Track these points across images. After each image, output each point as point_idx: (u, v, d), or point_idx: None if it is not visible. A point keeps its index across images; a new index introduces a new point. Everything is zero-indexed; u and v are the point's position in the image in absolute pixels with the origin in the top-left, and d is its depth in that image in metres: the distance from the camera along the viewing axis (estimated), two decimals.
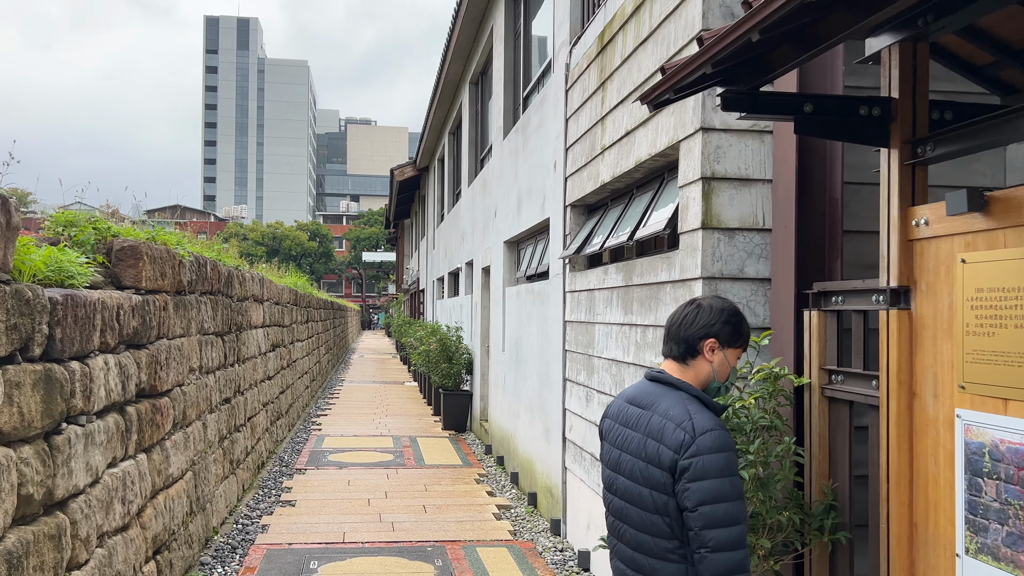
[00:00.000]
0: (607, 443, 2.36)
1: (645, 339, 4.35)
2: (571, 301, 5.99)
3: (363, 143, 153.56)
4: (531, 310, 7.56)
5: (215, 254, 6.90)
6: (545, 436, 6.84)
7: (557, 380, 6.39)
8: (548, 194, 6.89)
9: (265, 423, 8.65)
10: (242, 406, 7.22)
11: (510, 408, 8.59)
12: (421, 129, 18.48)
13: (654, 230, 4.20)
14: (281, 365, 10.29)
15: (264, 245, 71.45)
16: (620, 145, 4.84)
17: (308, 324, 14.52)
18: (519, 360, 8.12)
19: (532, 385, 7.43)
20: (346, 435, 10.87)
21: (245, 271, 7.76)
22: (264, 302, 8.91)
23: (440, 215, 18.70)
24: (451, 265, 15.34)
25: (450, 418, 11.69)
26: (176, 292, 5.05)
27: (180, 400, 4.93)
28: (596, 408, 5.26)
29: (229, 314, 6.73)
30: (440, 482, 8.02)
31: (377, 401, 15.07)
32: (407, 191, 25.03)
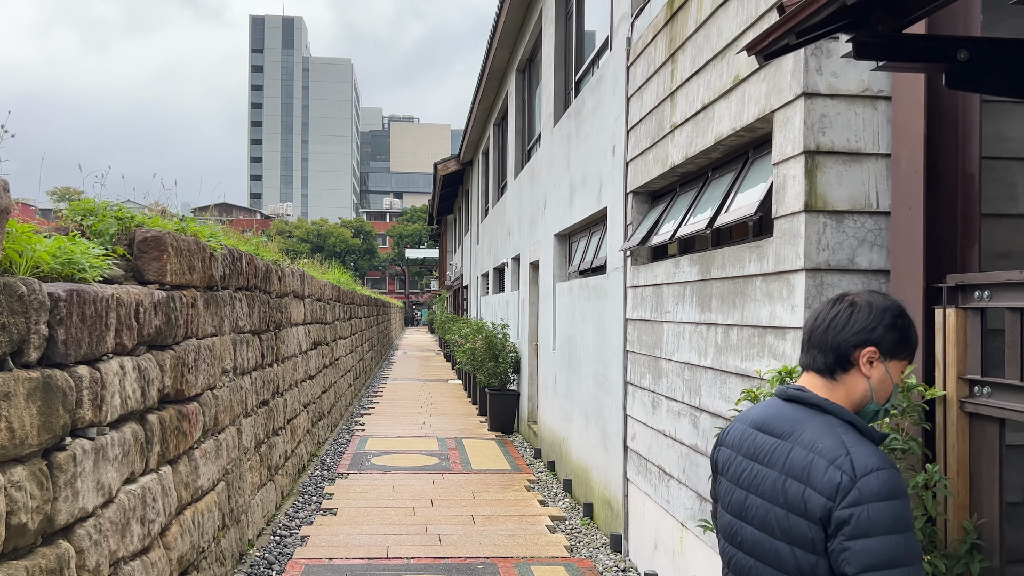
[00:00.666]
0: (725, 480, 1.84)
1: (728, 340, 3.81)
2: (633, 297, 5.46)
3: (406, 140, 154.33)
4: (585, 307, 7.05)
5: (252, 248, 6.54)
6: (602, 443, 6.32)
7: (617, 383, 5.87)
8: (605, 181, 6.36)
9: (306, 425, 8.29)
10: (281, 408, 6.85)
11: (562, 411, 8.10)
12: (465, 122, 18.07)
13: (740, 215, 3.66)
14: (323, 364, 9.95)
15: (309, 242, 72.07)
16: (695, 122, 4.29)
17: (351, 321, 14.21)
18: (572, 360, 7.62)
19: (587, 387, 6.91)
20: (390, 436, 10.49)
21: (284, 266, 7.39)
22: (305, 298, 8.55)
23: (484, 210, 18.27)
24: (496, 260, 14.88)
25: (496, 419, 11.24)
26: (207, 288, 4.66)
27: (211, 405, 4.54)
28: (665, 416, 4.73)
29: (267, 311, 6.36)
30: (488, 489, 7.56)
31: (421, 400, 14.71)
32: (450, 186, 24.67)
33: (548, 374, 9.00)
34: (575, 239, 8.26)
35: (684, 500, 4.39)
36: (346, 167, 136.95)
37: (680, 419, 4.46)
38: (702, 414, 4.14)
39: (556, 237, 8.71)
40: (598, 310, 6.55)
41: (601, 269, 6.78)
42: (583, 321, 7.15)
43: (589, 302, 6.90)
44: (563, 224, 8.19)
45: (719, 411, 3.88)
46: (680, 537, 4.48)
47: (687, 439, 4.34)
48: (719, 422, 3.90)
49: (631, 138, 5.57)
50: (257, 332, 6.02)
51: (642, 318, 5.24)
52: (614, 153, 6.07)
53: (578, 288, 7.40)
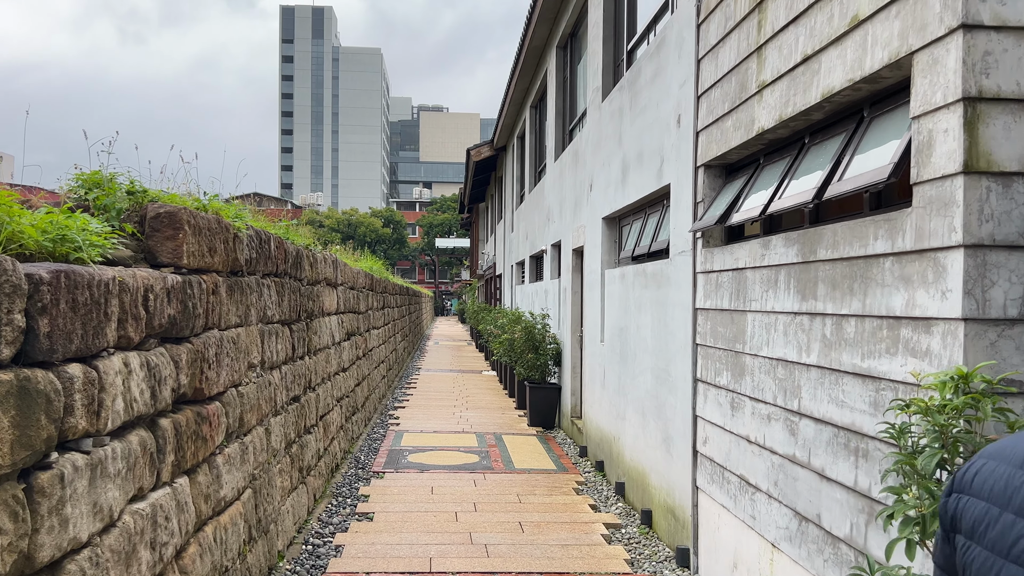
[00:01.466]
0: (979, 546, 1.24)
1: (841, 334, 3.20)
2: (705, 284, 4.85)
3: (435, 130, 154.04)
4: (642, 295, 6.45)
5: (282, 231, 6.04)
6: (664, 445, 5.73)
7: (683, 380, 5.27)
8: (668, 156, 5.74)
9: (339, 420, 7.81)
10: (313, 404, 6.36)
11: (612, 407, 7.52)
12: (499, 105, 17.47)
13: (863, 183, 3.03)
14: (357, 355, 9.47)
15: (339, 232, 72.09)
16: (791, 79, 3.67)
17: (384, 310, 13.75)
18: (624, 353, 7.03)
19: (644, 384, 6.32)
20: (426, 431, 10.00)
21: (317, 251, 6.89)
22: (338, 286, 8.06)
23: (519, 196, 17.68)
24: (533, 248, 14.30)
25: (537, 413, 10.69)
26: (231, 272, 4.15)
27: (235, 404, 4.04)
28: (749, 420, 4.13)
29: (298, 299, 5.86)
30: (535, 491, 7.02)
31: (456, 392, 14.21)
32: (483, 172, 24.11)
33: (595, 367, 8.43)
34: (627, 222, 7.65)
35: (776, 517, 3.80)
36: (376, 157, 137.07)
37: (770, 424, 3.86)
38: (802, 420, 3.53)
39: (604, 221, 8.10)
40: (658, 299, 5.95)
41: (661, 253, 6.17)
42: (638, 311, 6.55)
43: (646, 290, 6.30)
44: (613, 206, 7.58)
45: (828, 417, 3.28)
46: (770, 559, 3.88)
47: (781, 448, 3.74)
48: (827, 431, 3.30)
49: (702, 105, 4.95)
50: (287, 322, 5.53)
51: (718, 307, 4.63)
52: (679, 123, 5.45)
53: (632, 275, 6.80)
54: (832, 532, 3.24)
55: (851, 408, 3.11)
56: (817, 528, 3.38)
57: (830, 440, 3.27)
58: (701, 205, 5.00)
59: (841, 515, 3.17)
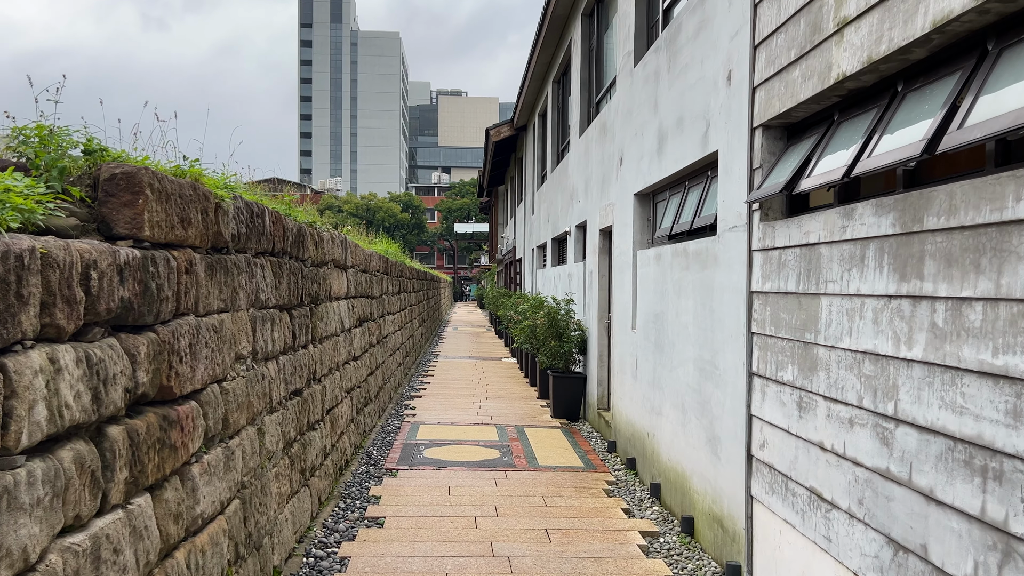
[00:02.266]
0: None
1: (959, 322, 2.54)
2: (764, 263, 4.19)
3: (453, 115, 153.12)
4: (682, 278, 5.79)
5: (283, 207, 5.45)
6: (709, 446, 5.10)
7: (734, 373, 4.63)
8: (715, 119, 5.07)
9: (349, 413, 7.25)
10: (318, 397, 5.78)
11: (645, 401, 6.88)
12: (520, 82, 16.77)
13: (1002, 127, 2.36)
14: (369, 342, 8.90)
15: (358, 216, 71.75)
16: (886, 8, 2.99)
17: (400, 295, 13.18)
18: (660, 342, 6.38)
19: (685, 376, 5.68)
20: (443, 423, 9.42)
21: (323, 230, 6.30)
22: (348, 269, 7.47)
23: (540, 176, 17.01)
24: (555, 230, 13.65)
25: (560, 404, 10.08)
26: (213, 249, 3.56)
27: (218, 403, 3.45)
28: (823, 424, 3.48)
29: (300, 282, 5.27)
30: (561, 492, 6.42)
31: (475, 380, 13.64)
32: (502, 154, 23.43)
33: (625, 356, 7.79)
34: (662, 198, 6.98)
35: (860, 542, 3.16)
36: (394, 142, 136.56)
37: (854, 430, 3.21)
38: (899, 427, 2.88)
39: (636, 197, 7.43)
40: (702, 281, 5.29)
41: (706, 230, 5.51)
42: (678, 295, 5.90)
43: (687, 272, 5.64)
44: (647, 180, 6.91)
45: (940, 426, 2.63)
46: None
47: (868, 460, 3.09)
48: (937, 443, 2.65)
49: (760, 56, 4.26)
50: (287, 307, 4.94)
51: (780, 290, 3.97)
52: (729, 80, 4.77)
53: (670, 256, 6.14)
54: (945, 570, 2.60)
55: (975, 416, 2.46)
56: (922, 562, 2.74)
57: (942, 454, 2.62)
58: (758, 172, 4.32)
59: (960, 550, 2.53)
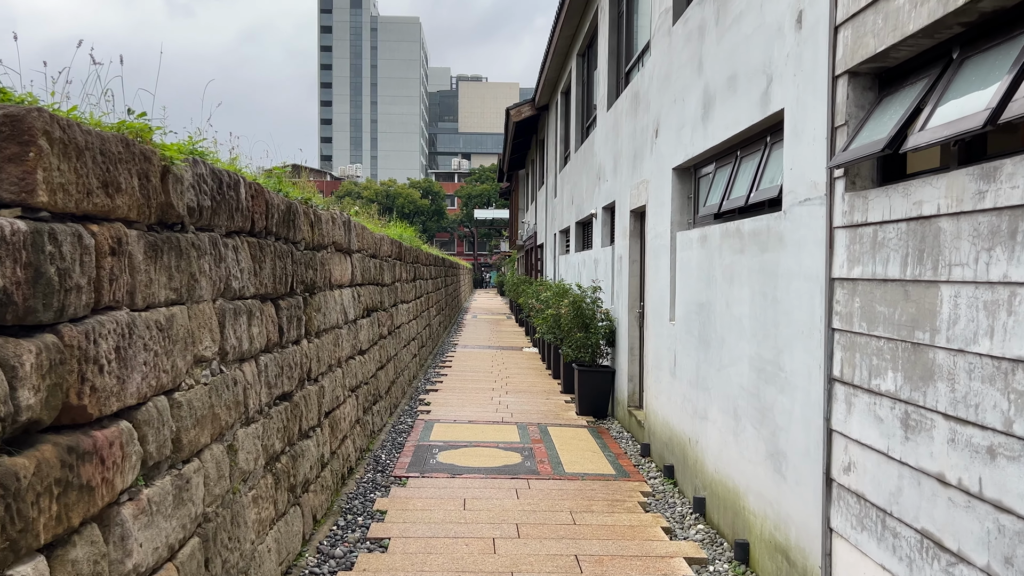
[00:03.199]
0: None
1: None
2: (851, 243, 3.38)
3: (474, 100, 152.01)
4: (734, 262, 4.98)
5: (273, 182, 4.72)
6: (771, 462, 4.30)
7: (804, 377, 3.83)
8: (780, 72, 4.24)
9: (354, 414, 6.52)
10: (314, 399, 5.05)
11: (687, 402, 6.09)
12: (542, 59, 15.91)
13: None
14: (379, 334, 8.18)
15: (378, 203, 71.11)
16: None
17: (415, 283, 12.45)
18: (706, 336, 5.58)
19: (738, 377, 4.88)
20: (460, 421, 8.69)
21: (321, 208, 5.55)
22: (353, 253, 6.73)
23: (563, 158, 16.17)
24: (580, 213, 12.83)
25: (587, 401, 9.30)
26: (161, 225, 2.82)
27: (163, 421, 2.72)
28: (945, 450, 2.67)
29: (290, 267, 4.53)
30: (591, 506, 5.66)
31: (495, 372, 12.89)
32: (523, 135, 22.59)
33: (661, 351, 6.99)
34: (707, 172, 6.15)
35: None
36: (415, 128, 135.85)
37: (997, 464, 2.41)
38: None
39: (676, 172, 6.61)
40: (761, 266, 4.48)
41: (765, 206, 4.70)
42: (729, 282, 5.09)
43: (742, 255, 4.82)
44: (689, 152, 6.08)
45: None
46: None
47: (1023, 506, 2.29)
48: None
49: None
50: (271, 297, 4.20)
51: (876, 276, 3.15)
52: (799, 23, 3.94)
53: (718, 237, 5.33)
54: None
55: None
56: None
57: None
58: (842, 132, 3.50)
59: None
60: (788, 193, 4.09)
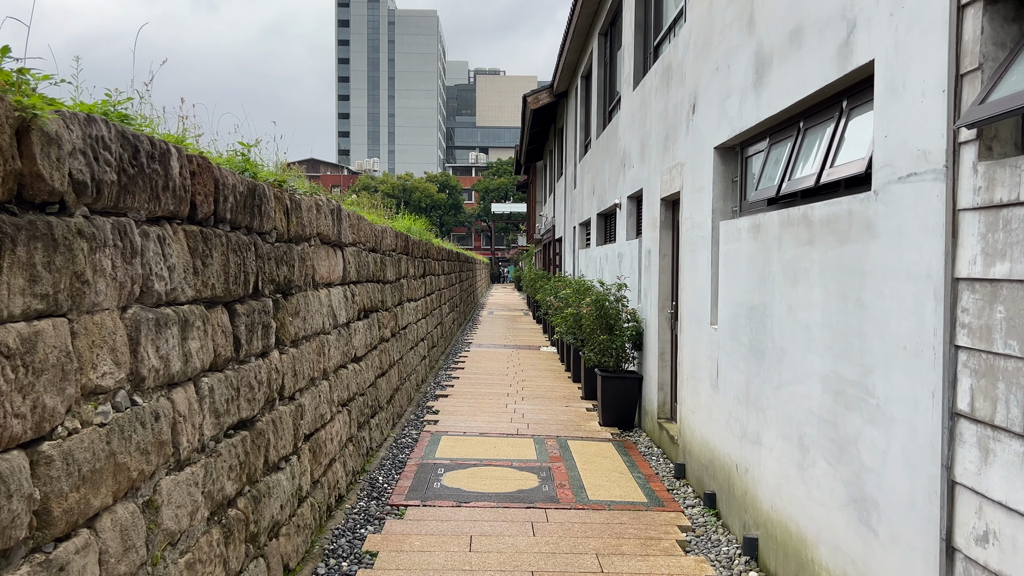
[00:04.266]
0: None
1: None
2: (988, 230, 2.47)
3: (492, 94, 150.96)
4: (800, 256, 4.07)
5: (238, 161, 3.90)
6: (854, 509, 3.40)
7: (912, 407, 2.92)
8: (866, 15, 3.32)
9: (345, 432, 5.68)
10: (287, 422, 4.21)
11: (734, 421, 5.19)
12: (560, 41, 14.98)
13: None
14: (379, 336, 7.34)
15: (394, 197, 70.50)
16: None
17: (425, 279, 11.61)
18: (761, 345, 4.67)
19: (806, 397, 3.97)
20: (470, 432, 7.84)
21: (300, 193, 4.70)
22: (347, 247, 5.89)
23: (584, 146, 15.25)
24: (602, 204, 11.92)
25: (611, 410, 8.41)
26: (17, 204, 1.97)
27: (16, 488, 1.87)
28: None
29: (254, 264, 3.68)
30: (622, 546, 4.77)
31: (510, 375, 12.03)
32: (541, 124, 21.66)
33: (700, 359, 6.08)
34: (758, 149, 5.23)
35: None
36: (432, 122, 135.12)
37: None
38: None
39: (719, 152, 5.69)
40: (840, 261, 3.57)
41: (843, 186, 3.78)
42: (792, 281, 4.18)
43: (812, 248, 3.91)
44: (736, 127, 5.17)
45: None
46: None
47: None
48: None
49: None
50: (224, 301, 3.35)
51: None
52: None
53: (777, 226, 4.41)
54: None
55: None
56: None
57: None
58: (973, 78, 2.58)
59: None
60: (881, 168, 3.18)
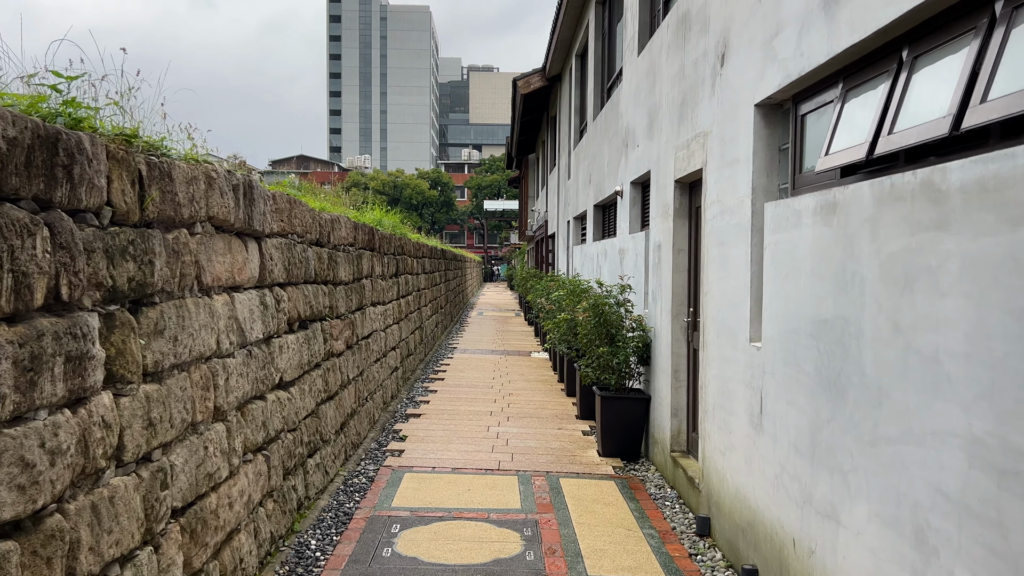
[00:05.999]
0: None
1: None
2: None
3: (485, 91, 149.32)
4: (917, 248, 2.63)
5: (40, 108, 2.46)
6: None
7: None
8: None
9: (257, 489, 4.20)
10: (127, 502, 2.74)
11: (793, 478, 3.74)
12: (555, 14, 13.53)
13: None
14: (326, 352, 5.88)
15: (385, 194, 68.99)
16: None
17: (399, 278, 10.15)
18: (840, 377, 3.22)
19: (933, 466, 2.53)
20: (440, 468, 6.38)
21: (173, 158, 3.23)
22: (265, 238, 4.44)
23: (579, 131, 13.82)
24: (600, 194, 10.48)
25: (612, 437, 6.98)
26: None
27: None
28: None
29: (50, 258, 2.23)
30: None
31: (496, 387, 10.57)
32: (533, 112, 20.23)
33: (734, 385, 4.64)
34: (824, 100, 3.77)
35: None
36: (425, 119, 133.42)
37: None
38: None
39: (761, 111, 4.25)
40: (1013, 253, 2.14)
41: (998, 135, 2.34)
42: (905, 287, 2.74)
43: (945, 235, 2.47)
44: (791, 72, 3.73)
45: None
46: None
47: None
48: None
49: None
50: None
51: None
52: None
53: (870, 203, 2.97)
54: None
55: None
56: None
57: None
58: None
59: None
60: None
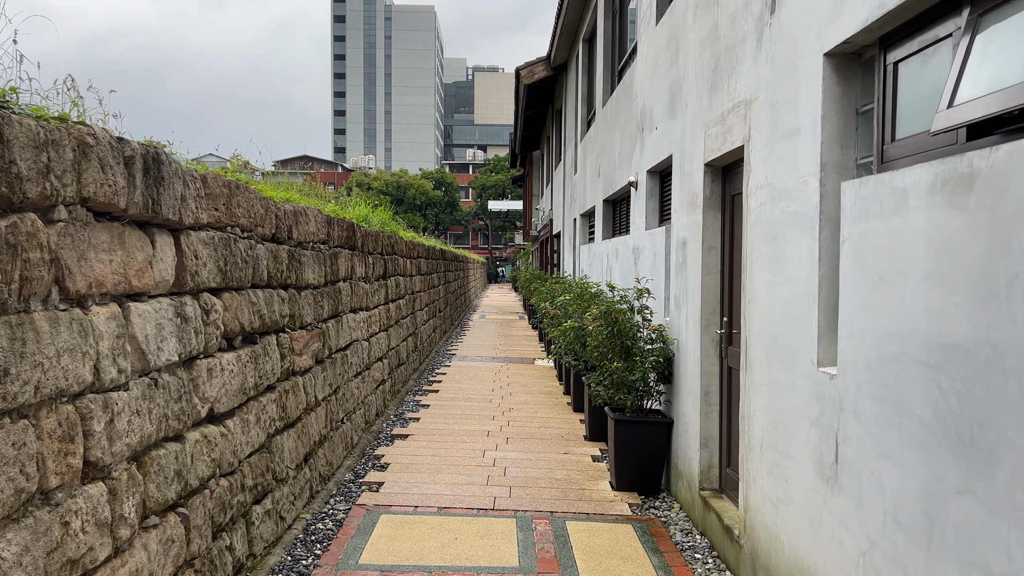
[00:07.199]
0: None
1: None
2: None
3: (490, 91, 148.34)
4: None
5: None
6: None
7: None
8: None
9: (165, 565, 3.19)
10: None
11: (895, 564, 2.71)
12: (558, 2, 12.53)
13: None
14: (285, 370, 4.87)
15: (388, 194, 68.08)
16: None
17: (387, 281, 9.14)
18: (981, 431, 2.19)
19: None
20: (424, 507, 5.37)
21: (12, 109, 2.22)
22: (188, 231, 3.43)
23: (587, 121, 12.80)
24: (610, 187, 9.45)
25: (628, 467, 5.95)
26: None
27: None
28: None
29: None
30: None
31: (495, 401, 9.55)
32: (537, 105, 19.21)
33: (795, 420, 3.61)
34: (923, 45, 2.74)
35: None
36: (429, 119, 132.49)
37: None
38: None
39: (834, 61, 3.23)
40: None
41: None
42: None
43: None
44: (883, 4, 2.71)
45: None
46: None
47: None
48: None
49: None
50: None
51: None
52: None
53: None
54: None
55: None
56: None
57: None
58: None
59: None
60: None
